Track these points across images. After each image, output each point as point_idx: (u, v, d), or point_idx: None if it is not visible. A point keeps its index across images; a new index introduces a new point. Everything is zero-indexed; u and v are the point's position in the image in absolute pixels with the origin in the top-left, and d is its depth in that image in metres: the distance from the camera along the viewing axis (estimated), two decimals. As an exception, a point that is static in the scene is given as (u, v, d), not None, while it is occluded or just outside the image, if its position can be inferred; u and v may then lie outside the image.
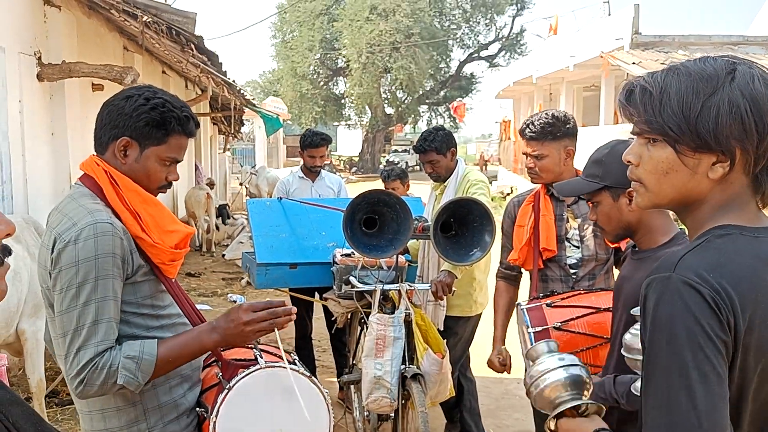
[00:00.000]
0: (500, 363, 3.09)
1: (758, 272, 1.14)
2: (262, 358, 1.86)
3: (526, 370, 2.79)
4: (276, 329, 1.76)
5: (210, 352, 1.87)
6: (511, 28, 37.54)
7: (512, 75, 24.17)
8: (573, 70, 16.91)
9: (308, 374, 1.86)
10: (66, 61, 5.88)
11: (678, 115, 1.18)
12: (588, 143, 3.46)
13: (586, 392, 1.48)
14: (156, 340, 1.72)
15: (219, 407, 1.74)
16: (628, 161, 1.30)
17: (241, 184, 18.07)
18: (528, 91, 23.86)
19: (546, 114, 2.92)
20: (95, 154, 1.81)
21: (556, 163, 2.88)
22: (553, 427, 1.44)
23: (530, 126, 2.90)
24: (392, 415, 3.45)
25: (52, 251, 1.66)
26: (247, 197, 17.96)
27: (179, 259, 1.79)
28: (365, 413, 4.14)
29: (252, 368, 1.80)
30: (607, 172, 2.06)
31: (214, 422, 1.74)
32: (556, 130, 2.87)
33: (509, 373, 3.19)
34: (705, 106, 1.15)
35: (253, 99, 15.21)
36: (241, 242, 9.98)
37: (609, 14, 17.63)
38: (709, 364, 1.07)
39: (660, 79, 1.22)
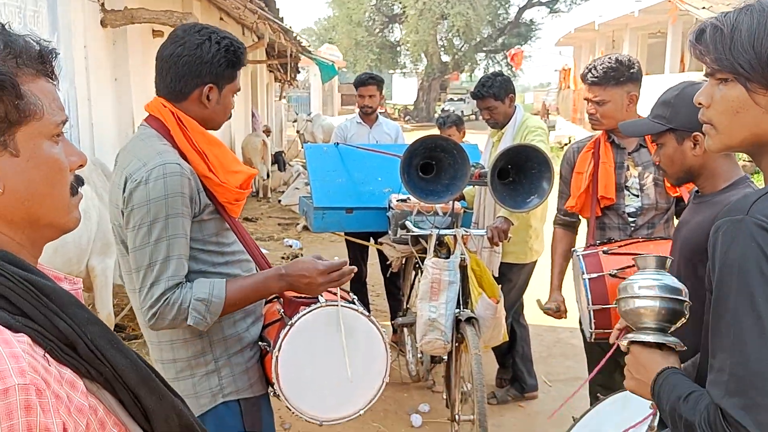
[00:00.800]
0: (555, 309, 3.11)
1: None
2: (321, 296, 1.92)
3: (580, 321, 2.83)
4: None
5: None
6: (574, -29, 36.21)
7: (573, 21, 23.40)
8: (638, 15, 16.27)
9: (367, 313, 1.91)
10: (128, 8, 5.98)
11: (749, 52, 1.16)
12: (652, 92, 3.36)
13: (679, 322, 1.43)
14: (224, 281, 1.79)
15: (281, 342, 1.82)
16: (699, 103, 1.29)
17: (298, 131, 18.18)
18: (590, 38, 23.12)
19: (609, 58, 2.85)
20: (166, 100, 1.85)
21: (618, 109, 2.82)
22: (625, 346, 1.44)
23: (593, 70, 2.84)
24: (445, 357, 3.51)
25: (124, 191, 1.74)
26: (301, 147, 18.11)
27: (242, 198, 1.86)
28: (418, 355, 4.24)
29: (313, 306, 1.87)
30: (674, 114, 2.02)
31: (277, 356, 1.81)
32: (619, 75, 2.80)
33: (565, 318, 3.21)
34: None
35: (309, 46, 15.18)
36: (297, 188, 10.12)
37: (679, -44, 16.82)
38: None
39: (732, 18, 1.20)
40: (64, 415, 0.79)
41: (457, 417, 3.23)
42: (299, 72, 19.36)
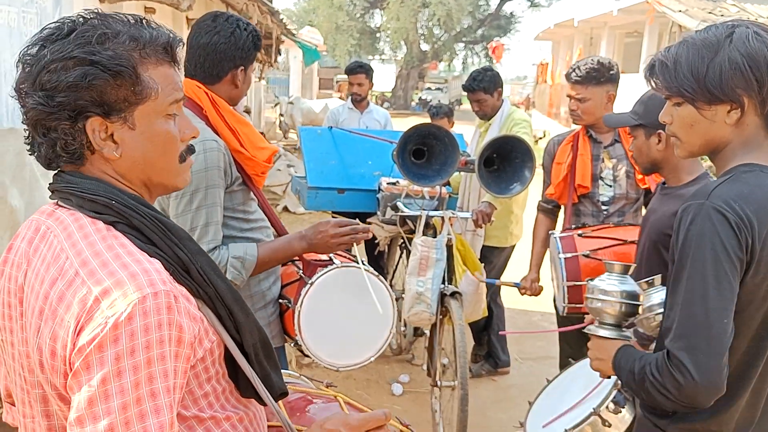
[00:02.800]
0: (531, 287, 3.43)
1: None
2: (335, 259, 2.18)
3: (554, 299, 3.12)
4: (355, 244, 2.10)
5: None
6: (555, -33, 36.54)
7: (553, 17, 23.83)
8: (616, 14, 16.64)
9: (376, 273, 2.17)
10: (126, -15, 6.11)
11: (689, 78, 1.46)
12: (627, 90, 3.65)
13: (634, 317, 1.74)
14: (255, 243, 2.04)
15: (303, 299, 2.07)
16: (664, 121, 1.58)
17: (281, 115, 18.25)
18: (568, 34, 23.48)
19: (592, 59, 3.14)
20: (200, 82, 2.07)
21: (597, 106, 3.11)
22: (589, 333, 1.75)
23: (576, 70, 3.13)
24: (426, 331, 3.78)
25: None
26: (279, 129, 18.19)
27: (266, 171, 2.10)
28: (402, 328, 4.51)
29: (330, 267, 2.12)
30: (645, 112, 2.32)
31: (299, 311, 2.07)
32: (600, 75, 3.09)
33: (537, 295, 3.52)
34: (710, 67, 1.43)
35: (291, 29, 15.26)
36: (279, 170, 10.31)
37: (658, -42, 17.20)
38: (724, 276, 1.37)
39: (674, 52, 1.50)
40: (186, 320, 1.04)
41: (438, 383, 3.51)
42: (281, 54, 19.43)
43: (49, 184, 1.15)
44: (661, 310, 1.62)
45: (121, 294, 0.98)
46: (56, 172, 1.14)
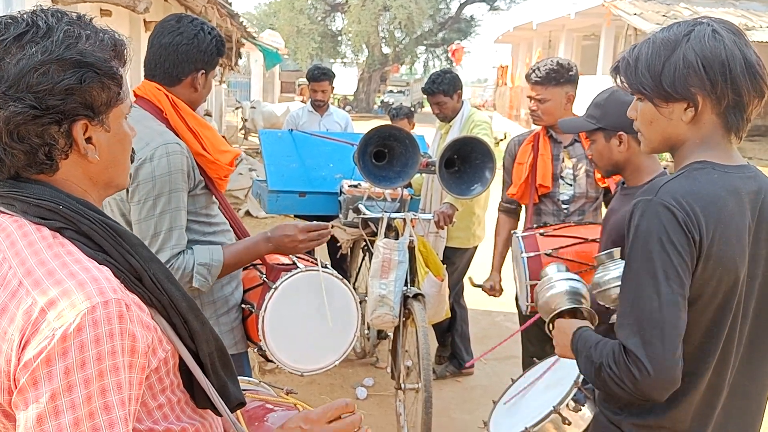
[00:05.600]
0: (489, 287, 3.44)
1: (723, 199, 1.43)
2: (299, 263, 2.15)
3: (516, 298, 3.14)
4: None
5: None
6: (514, -30, 36.97)
7: (512, 20, 24.03)
8: (574, 18, 16.93)
9: (340, 277, 2.15)
10: (80, -14, 5.98)
11: (646, 76, 1.48)
12: (585, 92, 3.69)
13: (584, 301, 1.79)
14: (220, 247, 2.00)
15: (267, 304, 2.04)
16: (631, 117, 1.60)
17: (244, 119, 18.07)
18: (527, 37, 23.78)
19: (551, 61, 3.16)
20: (160, 84, 2.03)
21: (557, 107, 3.13)
22: (551, 329, 1.76)
23: (536, 71, 3.14)
24: (390, 334, 3.77)
25: None
26: (242, 131, 18.01)
27: (229, 175, 2.06)
28: (365, 331, 4.49)
29: (294, 271, 2.09)
30: (603, 115, 2.33)
31: (263, 316, 2.03)
32: (559, 76, 3.11)
33: (498, 296, 3.53)
34: (665, 65, 1.44)
35: (253, 32, 15.16)
36: (240, 174, 10.20)
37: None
38: (673, 270, 1.38)
39: (636, 50, 1.52)
40: (139, 328, 1.00)
41: (402, 386, 3.49)
42: (241, 57, 19.27)
43: None
44: (619, 283, 1.64)
45: (68, 304, 0.94)
46: None
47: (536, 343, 3.25)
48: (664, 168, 2.34)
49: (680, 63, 1.43)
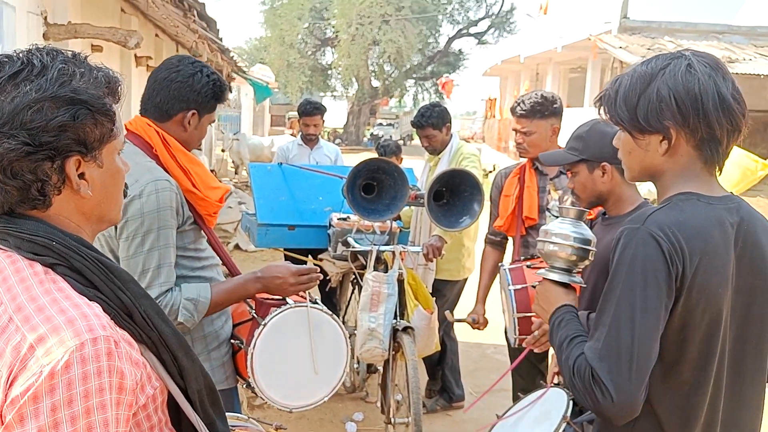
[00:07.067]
0: (473, 321, 3.43)
1: (708, 231, 1.45)
2: (288, 298, 2.14)
3: (505, 331, 3.13)
4: None
5: None
6: (502, 5, 37.46)
7: (500, 53, 24.39)
8: (561, 51, 17.16)
9: (329, 312, 2.15)
10: (71, 22, 6.03)
11: (623, 108, 1.52)
12: (572, 124, 3.73)
13: (583, 264, 1.76)
14: (209, 284, 2.00)
15: (256, 340, 2.03)
16: (615, 145, 1.63)
17: (223, 150, 18.03)
18: (515, 70, 24.07)
19: (536, 94, 3.20)
20: (151, 120, 2.05)
21: (543, 139, 3.17)
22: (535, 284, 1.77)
23: (521, 104, 3.19)
24: (379, 368, 3.75)
25: None
26: (232, 165, 17.99)
27: (218, 211, 2.07)
28: (355, 365, 4.46)
29: (283, 307, 2.09)
30: (585, 147, 2.35)
31: (252, 353, 2.02)
32: (544, 109, 3.15)
33: (482, 329, 3.51)
34: (640, 98, 1.48)
35: (243, 66, 15.30)
36: (230, 207, 10.19)
37: (599, -3, 17.84)
38: (652, 302, 1.40)
39: (618, 81, 1.56)
40: (128, 365, 1.00)
41: (392, 420, 3.46)
42: (231, 91, 19.38)
43: None
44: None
45: (57, 341, 0.94)
46: None
47: (526, 377, 3.25)
48: (645, 199, 2.36)
49: (654, 96, 1.47)
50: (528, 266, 2.90)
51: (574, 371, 1.46)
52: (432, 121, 4.15)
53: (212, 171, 13.40)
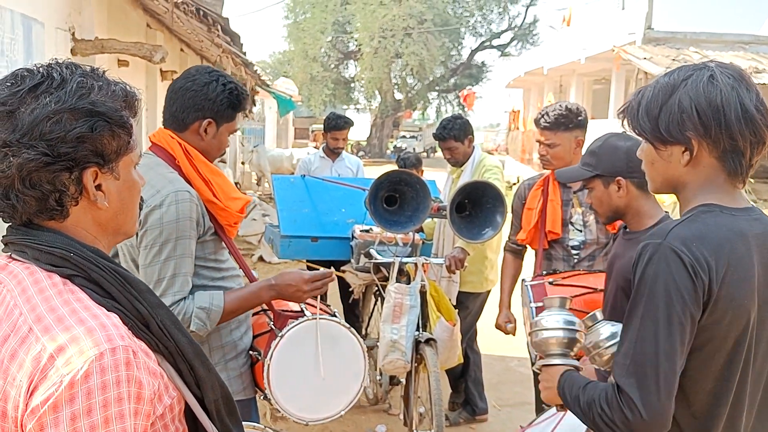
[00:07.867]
0: (506, 324, 3.41)
1: (732, 243, 1.43)
2: (306, 310, 2.15)
3: (528, 344, 3.10)
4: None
5: None
6: (524, 17, 37.51)
7: (523, 65, 24.31)
8: (584, 62, 17.09)
9: (347, 325, 2.14)
10: (98, 38, 6.13)
11: (645, 119, 1.52)
12: (596, 136, 3.70)
13: (577, 345, 1.75)
14: (222, 292, 2.01)
15: (273, 352, 2.04)
16: (639, 157, 1.62)
17: (243, 163, 18.11)
18: (538, 82, 24.00)
19: (560, 106, 3.18)
20: (171, 130, 2.07)
21: (566, 151, 3.15)
22: (538, 369, 1.75)
23: (545, 116, 3.17)
24: (402, 380, 3.73)
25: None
26: (255, 177, 18.11)
27: (239, 221, 2.08)
28: (377, 377, 4.44)
29: (301, 319, 2.09)
30: (599, 162, 2.33)
31: (269, 364, 2.03)
32: (568, 122, 3.13)
33: (514, 335, 3.49)
34: (662, 109, 1.47)
35: (267, 80, 15.45)
36: (254, 219, 10.26)
37: (623, 8, 17.77)
38: (676, 318, 1.38)
39: (640, 94, 1.56)
40: (146, 375, 1.01)
41: (415, 431, 3.45)
42: (255, 104, 19.56)
43: (2, 236, 1.12)
44: (610, 343, 1.65)
45: (77, 351, 0.95)
46: (10, 224, 1.12)
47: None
48: (666, 213, 2.33)
49: (675, 107, 1.46)
50: (550, 283, 2.87)
51: (600, 402, 1.44)
52: (454, 133, 4.15)
53: (236, 183, 13.51)
